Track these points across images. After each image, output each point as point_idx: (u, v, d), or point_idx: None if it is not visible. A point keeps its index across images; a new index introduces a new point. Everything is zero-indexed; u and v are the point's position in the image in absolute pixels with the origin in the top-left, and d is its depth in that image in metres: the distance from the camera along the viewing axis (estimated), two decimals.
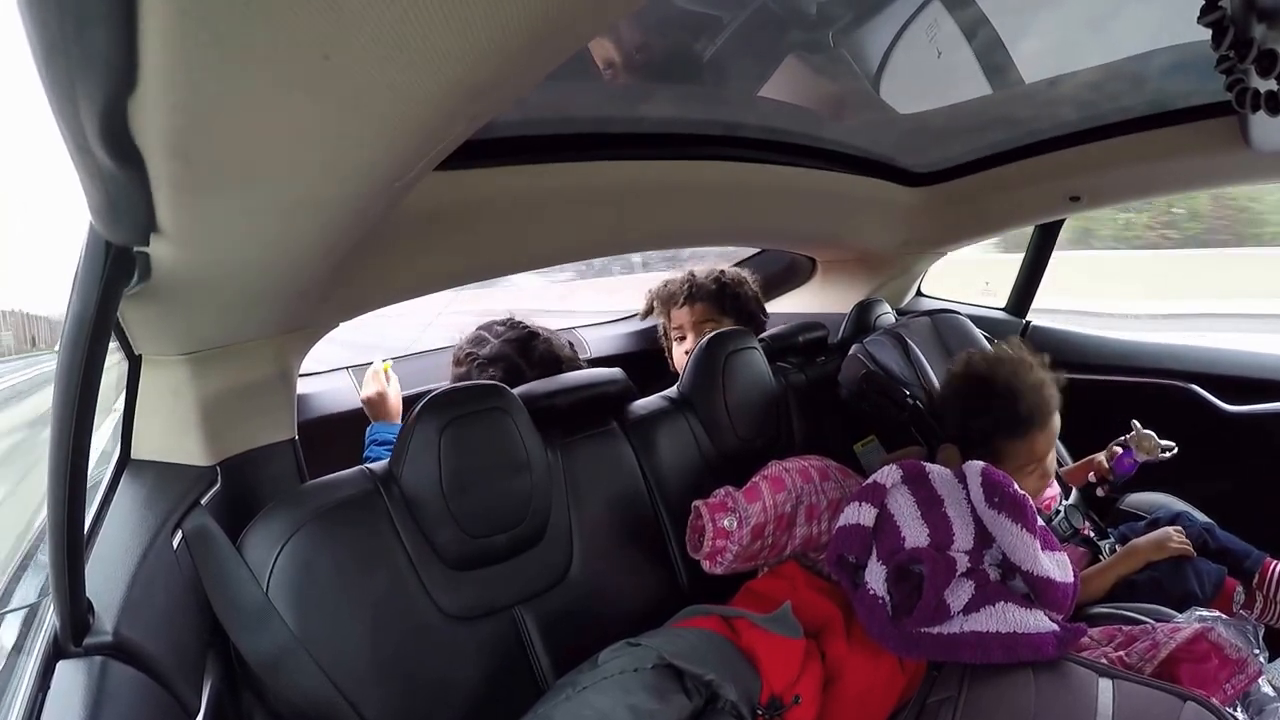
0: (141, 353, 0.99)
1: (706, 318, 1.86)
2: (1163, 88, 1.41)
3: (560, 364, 1.54)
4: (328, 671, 0.94)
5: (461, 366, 1.54)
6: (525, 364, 1.51)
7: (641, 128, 1.31)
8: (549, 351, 1.55)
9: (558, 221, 1.35)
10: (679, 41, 1.17)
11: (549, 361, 1.53)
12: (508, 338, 1.55)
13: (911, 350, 1.67)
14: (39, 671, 0.66)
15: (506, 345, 1.53)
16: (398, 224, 1.08)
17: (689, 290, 1.88)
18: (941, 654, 1.05)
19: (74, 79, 0.39)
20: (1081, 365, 2.02)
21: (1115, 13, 1.22)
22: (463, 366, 1.54)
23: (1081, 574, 1.24)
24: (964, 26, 1.23)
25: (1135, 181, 1.72)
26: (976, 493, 1.13)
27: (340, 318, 1.22)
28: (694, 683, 0.94)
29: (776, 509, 1.20)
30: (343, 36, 0.37)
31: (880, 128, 1.62)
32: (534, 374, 1.46)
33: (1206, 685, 0.99)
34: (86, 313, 0.61)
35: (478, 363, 1.51)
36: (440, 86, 0.45)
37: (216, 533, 0.95)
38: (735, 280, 1.92)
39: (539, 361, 1.52)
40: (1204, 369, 1.91)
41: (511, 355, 1.51)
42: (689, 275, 1.91)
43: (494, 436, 1.10)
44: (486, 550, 1.09)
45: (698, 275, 1.90)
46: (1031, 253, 2.23)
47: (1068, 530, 1.43)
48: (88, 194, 0.55)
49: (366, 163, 0.57)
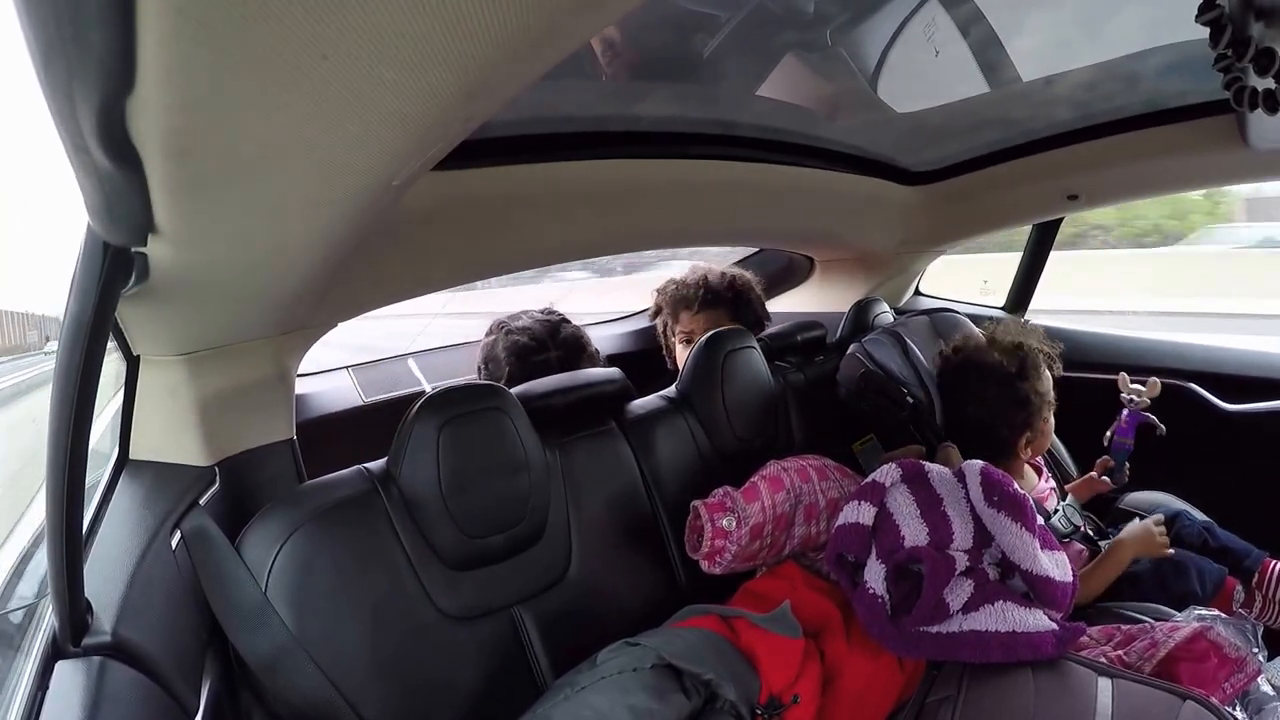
0: (140, 353, 0.99)
1: (715, 325, 1.83)
2: (1160, 86, 1.42)
3: (584, 350, 1.60)
4: (326, 671, 0.94)
5: (492, 335, 1.61)
6: (551, 342, 1.56)
7: (639, 127, 1.31)
8: (574, 335, 1.61)
9: (556, 221, 1.35)
10: (677, 39, 1.17)
11: (573, 345, 1.59)
12: (540, 319, 1.62)
13: (910, 349, 1.67)
14: (38, 671, 0.66)
15: (538, 323, 1.60)
16: (395, 224, 1.08)
17: (704, 296, 1.86)
18: (940, 653, 1.05)
19: (72, 79, 0.39)
20: (1080, 364, 2.02)
21: (1112, 12, 1.22)
22: (493, 335, 1.60)
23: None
24: (961, 24, 1.23)
25: (1133, 180, 1.73)
26: (976, 492, 1.13)
27: (338, 318, 1.22)
28: (693, 682, 0.94)
29: (775, 509, 1.20)
30: (340, 37, 0.37)
31: (878, 127, 1.62)
32: (557, 353, 1.55)
33: (1205, 684, 0.99)
34: (85, 313, 0.61)
35: (506, 330, 1.58)
36: (438, 86, 0.45)
37: (215, 533, 0.95)
38: (746, 286, 1.91)
39: (563, 343, 1.58)
40: (1203, 368, 1.91)
41: (539, 330, 1.57)
42: (702, 279, 1.89)
43: (492, 436, 1.10)
44: (485, 550, 1.09)
45: (711, 280, 1.88)
46: (1029, 252, 2.23)
47: (1068, 528, 1.43)
48: (86, 194, 0.55)
49: (364, 163, 0.56)
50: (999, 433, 1.43)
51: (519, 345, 1.54)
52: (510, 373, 1.53)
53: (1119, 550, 1.35)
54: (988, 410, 1.43)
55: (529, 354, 1.53)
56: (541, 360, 1.53)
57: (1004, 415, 1.42)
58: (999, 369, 1.43)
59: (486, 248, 1.30)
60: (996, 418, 1.43)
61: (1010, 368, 1.42)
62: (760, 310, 1.92)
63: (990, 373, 1.43)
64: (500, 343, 1.56)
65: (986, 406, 1.43)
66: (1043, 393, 1.43)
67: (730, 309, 1.86)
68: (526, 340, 1.54)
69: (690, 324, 1.88)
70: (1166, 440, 1.55)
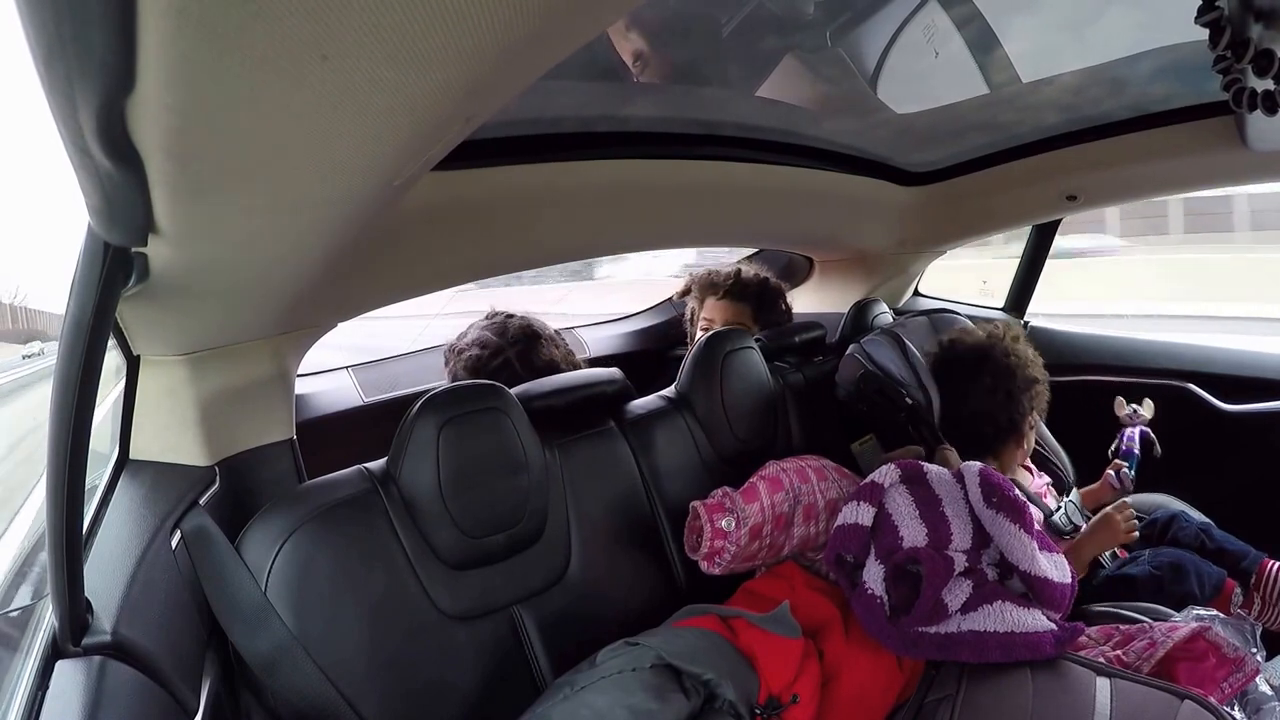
0: (140, 353, 0.99)
1: (736, 320, 1.87)
2: (1157, 88, 1.42)
3: (538, 336, 1.56)
4: (326, 671, 0.94)
5: (448, 363, 1.57)
6: (504, 340, 1.52)
7: (639, 126, 1.31)
8: (522, 325, 1.57)
9: (556, 221, 1.35)
10: (674, 38, 1.17)
11: (526, 334, 1.54)
12: (484, 324, 1.58)
13: (909, 350, 1.67)
14: (38, 671, 0.66)
15: (484, 330, 1.56)
16: (395, 224, 1.08)
17: (731, 287, 1.89)
18: (939, 653, 1.05)
19: (72, 79, 0.39)
20: (1079, 365, 2.02)
21: (1111, 13, 1.22)
22: (449, 362, 1.57)
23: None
24: (959, 24, 1.23)
25: (1132, 181, 1.73)
26: (975, 493, 1.13)
27: (338, 318, 1.22)
28: (692, 682, 0.94)
29: (774, 509, 1.20)
30: (341, 37, 0.38)
31: (877, 127, 1.62)
32: (514, 350, 1.50)
33: (1204, 684, 0.99)
34: (85, 313, 0.61)
35: (458, 351, 1.54)
36: (438, 86, 0.45)
37: (215, 533, 0.95)
38: (777, 291, 1.94)
39: (515, 339, 1.53)
40: (1201, 368, 1.91)
41: (488, 337, 1.53)
42: (736, 271, 1.92)
43: (492, 436, 1.10)
44: (485, 550, 1.09)
45: (744, 274, 1.92)
46: (1029, 253, 2.24)
47: (1069, 527, 1.43)
48: (86, 195, 0.55)
49: (365, 163, 0.57)
50: (985, 429, 1.44)
51: (472, 360, 1.51)
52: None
53: (1078, 553, 1.34)
54: (979, 405, 1.44)
55: (486, 363, 1.50)
56: (501, 363, 1.50)
57: (994, 411, 1.43)
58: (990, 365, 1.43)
59: (486, 248, 1.30)
60: (987, 413, 1.43)
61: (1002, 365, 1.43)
62: (783, 320, 1.94)
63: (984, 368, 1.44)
64: (456, 365, 1.53)
65: (979, 401, 1.44)
66: (1034, 393, 1.44)
67: (754, 307, 1.88)
68: (478, 352, 1.51)
69: (711, 311, 1.90)
70: (1165, 441, 1.55)
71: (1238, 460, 1.81)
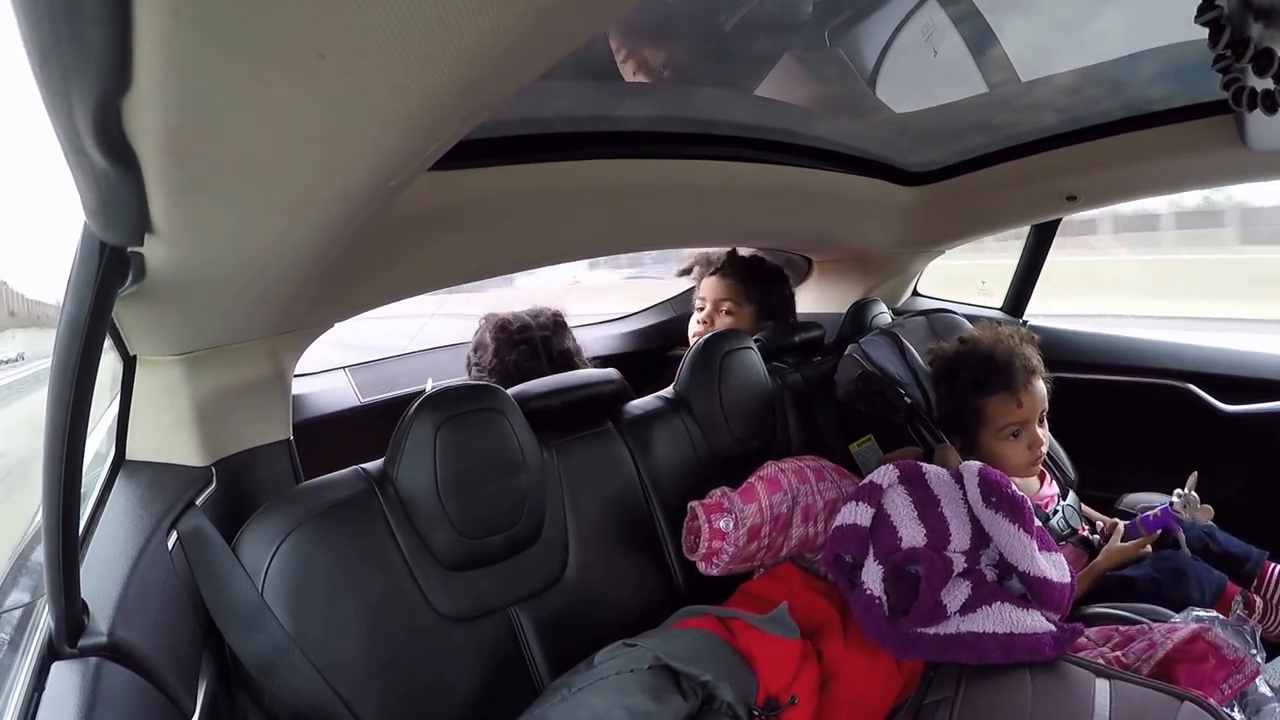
0: (136, 353, 0.99)
1: (726, 297, 1.88)
2: (1156, 87, 1.41)
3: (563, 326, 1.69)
4: (323, 672, 0.93)
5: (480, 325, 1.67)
6: (535, 324, 1.64)
7: (636, 126, 1.31)
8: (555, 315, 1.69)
9: (553, 221, 1.35)
10: (673, 38, 1.17)
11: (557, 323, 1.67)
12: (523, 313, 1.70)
13: (907, 350, 1.67)
14: (34, 672, 0.66)
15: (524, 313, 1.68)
16: (392, 224, 1.07)
17: (724, 264, 1.92)
18: (938, 654, 1.05)
19: (68, 78, 0.39)
20: (1078, 364, 2.02)
21: (1110, 13, 1.22)
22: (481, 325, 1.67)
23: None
24: (958, 23, 1.23)
25: (1131, 181, 1.72)
26: (974, 493, 1.13)
27: (335, 318, 1.22)
28: (690, 684, 0.94)
29: (772, 510, 1.20)
30: (338, 36, 0.37)
31: (876, 127, 1.62)
32: (542, 334, 1.62)
33: (1203, 685, 0.99)
34: (81, 313, 0.60)
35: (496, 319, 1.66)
36: (436, 85, 0.45)
37: (211, 533, 0.95)
38: (776, 272, 1.96)
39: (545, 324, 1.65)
40: (1201, 368, 1.91)
41: (524, 316, 1.66)
42: (733, 249, 1.95)
43: (489, 437, 1.09)
44: (482, 551, 1.08)
45: (740, 252, 1.95)
46: (1028, 253, 2.23)
47: (1065, 530, 1.43)
48: (82, 194, 0.55)
49: (361, 162, 0.56)
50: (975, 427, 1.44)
51: (500, 323, 1.63)
52: (496, 348, 1.60)
53: (1093, 573, 1.38)
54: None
55: (512, 335, 1.61)
56: (526, 338, 1.61)
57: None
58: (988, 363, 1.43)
59: (484, 248, 1.30)
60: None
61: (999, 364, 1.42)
62: (780, 305, 1.95)
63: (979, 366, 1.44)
64: (488, 327, 1.64)
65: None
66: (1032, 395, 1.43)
67: (746, 285, 1.90)
68: (511, 318, 1.64)
69: (706, 289, 1.92)
70: (1165, 441, 1.54)
71: (1237, 461, 1.81)
